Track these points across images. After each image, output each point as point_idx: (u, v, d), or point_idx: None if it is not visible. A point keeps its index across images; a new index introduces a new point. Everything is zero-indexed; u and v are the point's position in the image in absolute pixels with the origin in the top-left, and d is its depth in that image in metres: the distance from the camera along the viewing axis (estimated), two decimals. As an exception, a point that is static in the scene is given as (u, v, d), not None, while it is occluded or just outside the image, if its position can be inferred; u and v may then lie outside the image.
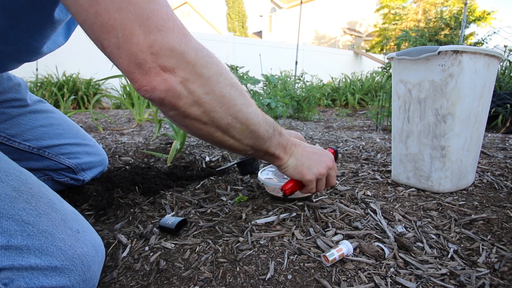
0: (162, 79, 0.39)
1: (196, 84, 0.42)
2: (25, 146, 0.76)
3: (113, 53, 0.38)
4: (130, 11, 0.36)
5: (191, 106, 0.43)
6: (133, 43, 0.37)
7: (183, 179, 0.97)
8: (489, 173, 1.03)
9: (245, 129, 0.50)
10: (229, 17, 20.09)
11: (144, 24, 0.37)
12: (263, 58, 6.10)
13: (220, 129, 0.48)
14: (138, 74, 0.39)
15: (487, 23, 10.77)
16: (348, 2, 16.08)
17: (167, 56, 0.39)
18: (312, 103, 2.93)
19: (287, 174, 0.65)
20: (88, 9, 0.36)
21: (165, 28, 0.38)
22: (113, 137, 1.79)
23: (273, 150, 0.59)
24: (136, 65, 0.38)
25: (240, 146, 0.53)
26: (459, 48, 0.74)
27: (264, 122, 0.54)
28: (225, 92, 0.46)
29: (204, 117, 0.45)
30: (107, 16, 0.36)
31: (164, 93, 0.40)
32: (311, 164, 0.64)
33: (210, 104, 0.44)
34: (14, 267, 0.39)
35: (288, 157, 0.62)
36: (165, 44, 0.38)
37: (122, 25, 0.36)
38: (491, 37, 6.52)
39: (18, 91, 0.76)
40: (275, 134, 0.58)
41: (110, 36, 0.37)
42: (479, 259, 0.55)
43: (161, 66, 0.39)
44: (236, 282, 0.49)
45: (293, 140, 0.65)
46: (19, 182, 0.46)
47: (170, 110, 0.43)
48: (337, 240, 0.60)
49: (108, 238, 0.64)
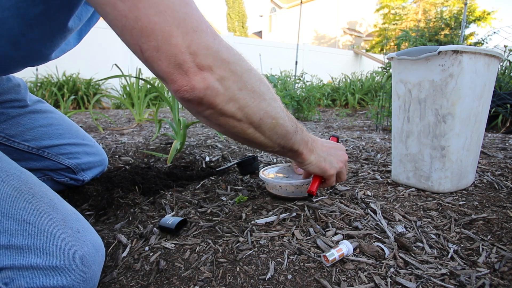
0: (201, 77, 0.40)
1: (231, 80, 0.44)
2: (25, 146, 0.76)
3: (152, 56, 0.39)
4: (169, 14, 0.38)
5: (227, 102, 0.44)
6: (172, 45, 0.38)
7: (183, 179, 0.97)
8: (489, 173, 1.03)
9: (275, 123, 0.52)
10: (229, 17, 20.09)
11: (181, 25, 0.38)
12: (263, 58, 6.09)
13: (252, 125, 0.50)
14: (177, 75, 0.40)
15: (487, 23, 10.77)
16: (348, 2, 16.08)
17: (204, 55, 0.40)
18: (312, 103, 2.93)
19: (309, 170, 0.67)
20: (127, 15, 0.37)
21: (200, 29, 0.40)
22: (113, 137, 1.79)
23: (297, 146, 0.60)
24: (176, 65, 0.39)
25: (269, 143, 0.55)
26: (459, 48, 0.74)
27: (288, 117, 0.56)
28: (256, 87, 0.47)
29: (239, 113, 0.47)
30: (146, 20, 0.37)
31: (203, 92, 0.41)
32: (332, 159, 0.66)
33: (244, 99, 0.46)
34: (15, 267, 0.39)
35: (310, 153, 0.64)
36: (201, 43, 0.40)
37: (161, 28, 0.37)
38: (491, 37, 6.51)
39: (18, 92, 0.76)
40: (298, 130, 0.59)
41: (149, 39, 0.38)
42: (479, 259, 0.55)
43: (199, 65, 0.40)
44: (236, 282, 0.49)
45: (311, 136, 0.67)
46: (20, 182, 0.46)
47: (207, 109, 0.44)
48: (337, 240, 0.60)
49: (108, 238, 0.64)
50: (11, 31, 0.50)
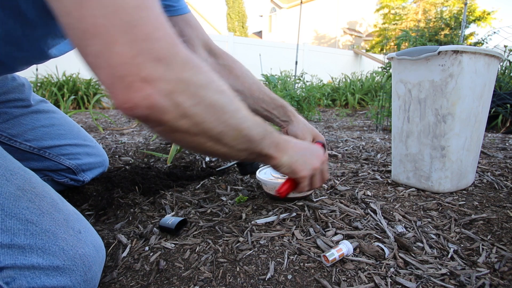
0: (145, 94, 0.35)
1: (184, 95, 0.39)
2: (26, 146, 0.76)
3: (92, 62, 0.35)
4: (118, 17, 0.33)
5: (179, 119, 0.40)
6: (115, 53, 0.33)
7: (183, 179, 0.97)
8: (489, 173, 1.03)
9: (238, 134, 0.49)
10: (229, 17, 20.09)
11: (131, 31, 0.34)
12: (263, 58, 6.10)
13: (212, 139, 0.46)
14: (118, 89, 0.35)
15: (487, 23, 10.77)
16: (348, 2, 16.08)
17: (152, 67, 0.35)
18: (312, 103, 2.93)
19: (282, 172, 0.64)
20: (71, 12, 0.33)
21: (153, 37, 0.35)
22: (113, 137, 1.79)
23: (266, 150, 0.58)
24: (117, 77, 0.34)
25: (233, 153, 0.52)
26: (459, 48, 0.74)
27: (255, 124, 0.53)
28: (215, 101, 0.43)
29: (195, 129, 0.43)
30: (91, 21, 0.33)
31: (147, 111, 0.36)
32: (305, 159, 0.63)
33: (200, 115, 0.42)
34: (17, 266, 0.40)
35: (281, 154, 0.61)
36: (151, 54, 0.35)
37: (106, 32, 0.33)
38: (491, 37, 6.51)
39: (22, 91, 0.76)
40: (267, 134, 0.57)
41: (91, 43, 0.33)
42: (479, 259, 0.55)
43: (144, 79, 0.35)
44: (236, 282, 0.49)
45: (284, 137, 0.64)
46: (23, 181, 0.46)
47: (156, 126, 0.40)
48: (337, 240, 0.60)
49: (108, 238, 0.64)
50: (12, 32, 0.50)
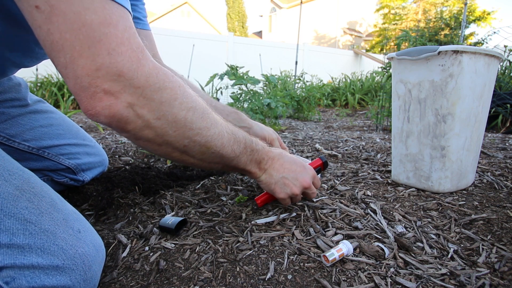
0: (106, 104, 0.39)
1: (145, 109, 0.41)
2: (25, 146, 0.76)
3: (61, 72, 0.38)
4: (82, 32, 0.36)
5: (142, 129, 0.43)
6: (79, 65, 0.36)
7: (183, 179, 0.97)
8: (489, 173, 1.03)
9: (206, 151, 0.50)
10: (229, 17, 20.09)
11: (94, 46, 0.36)
12: (263, 58, 6.10)
13: (177, 150, 0.48)
14: (83, 97, 0.38)
15: (487, 23, 10.78)
16: (348, 2, 16.08)
17: (114, 80, 0.38)
18: (312, 103, 2.94)
19: (261, 186, 0.65)
20: (41, 26, 0.36)
21: (116, 52, 0.38)
22: (113, 137, 1.79)
23: (242, 166, 0.59)
24: (81, 88, 0.37)
25: (204, 164, 0.53)
26: (459, 48, 0.74)
27: (232, 141, 0.53)
28: (179, 117, 0.45)
29: (158, 139, 0.45)
30: (58, 36, 0.35)
31: (108, 119, 0.40)
32: (285, 182, 0.63)
33: (162, 128, 0.44)
34: (16, 266, 0.40)
35: (262, 172, 0.63)
36: (112, 68, 0.37)
37: (71, 46, 0.36)
38: (491, 37, 6.52)
39: (18, 91, 0.76)
40: (246, 151, 0.57)
41: (59, 55, 0.36)
42: (479, 259, 0.55)
43: (105, 91, 0.38)
44: (236, 282, 0.49)
45: (272, 154, 0.64)
46: (22, 181, 0.46)
47: (122, 132, 0.43)
48: (337, 240, 0.60)
49: (108, 238, 0.64)
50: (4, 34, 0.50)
